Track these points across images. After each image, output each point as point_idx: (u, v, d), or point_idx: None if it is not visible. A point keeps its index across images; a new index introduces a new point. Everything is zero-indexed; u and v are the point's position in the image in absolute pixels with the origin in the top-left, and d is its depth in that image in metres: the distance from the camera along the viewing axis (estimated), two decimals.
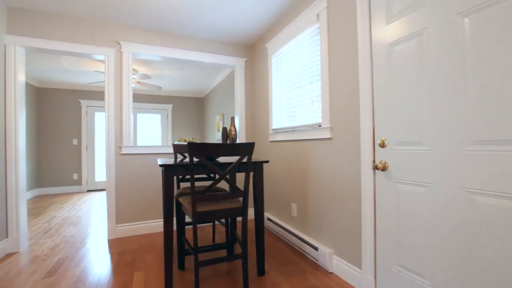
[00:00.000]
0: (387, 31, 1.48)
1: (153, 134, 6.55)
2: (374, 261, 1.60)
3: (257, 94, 3.30)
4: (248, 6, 2.44)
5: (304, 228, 2.34)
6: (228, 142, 2.85)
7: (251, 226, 3.09)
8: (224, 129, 2.32)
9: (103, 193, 5.48)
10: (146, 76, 4.17)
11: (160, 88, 4.71)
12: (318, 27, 2.12)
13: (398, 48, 1.42)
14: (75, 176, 5.72)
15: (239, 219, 3.29)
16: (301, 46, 2.41)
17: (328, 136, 1.97)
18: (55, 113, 5.60)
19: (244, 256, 1.66)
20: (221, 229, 2.98)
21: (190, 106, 6.81)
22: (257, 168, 1.90)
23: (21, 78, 2.45)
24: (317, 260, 2.06)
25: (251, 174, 3.26)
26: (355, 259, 1.76)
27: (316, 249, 2.06)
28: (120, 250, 2.42)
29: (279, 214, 2.80)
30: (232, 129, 2.27)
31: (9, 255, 2.30)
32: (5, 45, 2.35)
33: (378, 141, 1.55)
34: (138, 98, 6.31)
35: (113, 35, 2.75)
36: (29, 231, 2.97)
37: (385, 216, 1.52)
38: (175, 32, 2.99)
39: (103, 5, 2.39)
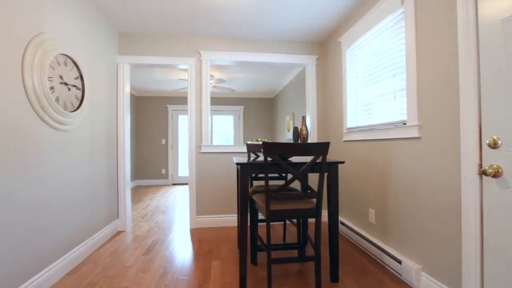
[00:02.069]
0: (503, 2, 1.19)
1: (226, 134, 7.05)
2: (481, 287, 1.32)
3: (330, 92, 3.16)
4: (318, 1, 2.35)
5: (383, 237, 2.12)
6: (299, 141, 2.81)
7: (323, 228, 2.98)
8: (295, 128, 2.30)
9: (185, 187, 6.20)
10: (221, 80, 4.51)
11: (233, 90, 5.02)
12: (403, 12, 1.88)
13: None
14: (163, 171, 6.66)
15: (310, 220, 3.21)
16: (380, 36, 2.19)
17: (416, 135, 1.72)
18: (148, 117, 6.65)
19: (317, 258, 1.61)
20: (291, 229, 2.97)
21: (260, 106, 7.04)
22: (331, 169, 1.81)
23: (127, 89, 2.99)
24: (400, 275, 1.83)
25: (325, 175, 3.14)
26: (453, 281, 1.48)
27: (400, 262, 1.83)
28: (200, 238, 2.68)
29: (354, 219, 2.61)
30: (304, 128, 2.23)
31: (119, 232, 2.84)
32: (117, 64, 2.91)
33: (487, 141, 1.27)
34: (213, 101, 6.89)
35: (194, 46, 3.07)
36: (132, 215, 3.60)
37: (498, 232, 1.23)
38: (247, 37, 3.13)
39: (186, 20, 2.70)
